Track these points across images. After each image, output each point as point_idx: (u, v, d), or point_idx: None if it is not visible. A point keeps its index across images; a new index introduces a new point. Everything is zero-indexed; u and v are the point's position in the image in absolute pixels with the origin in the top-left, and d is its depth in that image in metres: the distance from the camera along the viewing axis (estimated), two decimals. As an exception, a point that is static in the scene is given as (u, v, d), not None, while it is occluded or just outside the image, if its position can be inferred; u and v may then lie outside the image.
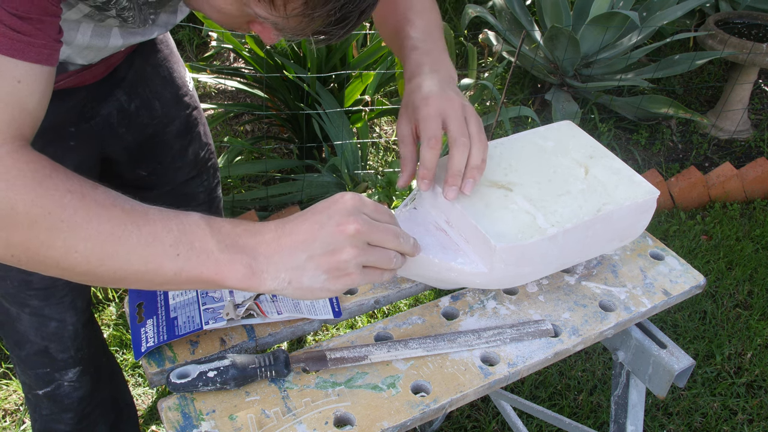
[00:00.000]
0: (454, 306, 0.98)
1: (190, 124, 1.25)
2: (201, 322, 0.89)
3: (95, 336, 1.29)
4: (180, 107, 1.22)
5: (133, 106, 1.13)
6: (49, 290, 1.11)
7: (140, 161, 1.21)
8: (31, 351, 1.17)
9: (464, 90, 2.61)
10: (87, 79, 1.03)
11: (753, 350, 2.05)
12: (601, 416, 1.84)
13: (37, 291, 1.10)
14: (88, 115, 1.08)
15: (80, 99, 1.05)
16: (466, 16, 3.03)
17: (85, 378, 1.23)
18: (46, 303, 1.12)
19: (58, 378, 1.21)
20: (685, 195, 2.65)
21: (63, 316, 1.15)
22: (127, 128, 1.14)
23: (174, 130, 1.21)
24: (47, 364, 1.19)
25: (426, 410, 0.83)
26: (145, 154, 1.20)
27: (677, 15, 2.86)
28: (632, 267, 1.06)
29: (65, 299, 1.14)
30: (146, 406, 1.84)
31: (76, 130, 1.06)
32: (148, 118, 1.16)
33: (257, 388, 0.84)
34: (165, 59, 1.19)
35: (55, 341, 1.17)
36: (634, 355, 1.04)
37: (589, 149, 1.05)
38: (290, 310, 0.92)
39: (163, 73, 1.18)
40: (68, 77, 0.99)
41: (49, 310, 1.13)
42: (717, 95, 3.29)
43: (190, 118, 1.25)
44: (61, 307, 1.14)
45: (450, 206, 0.94)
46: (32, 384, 1.22)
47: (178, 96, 1.21)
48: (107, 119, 1.11)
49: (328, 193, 2.39)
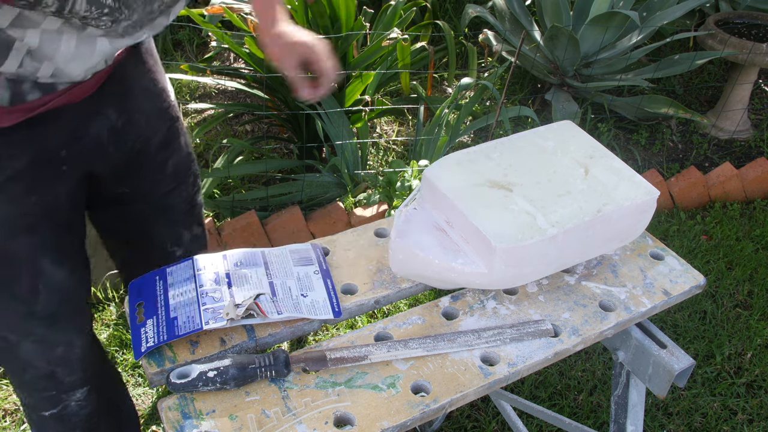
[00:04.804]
0: (454, 306, 0.98)
1: (171, 136, 1.21)
2: (201, 322, 0.89)
3: (99, 350, 1.27)
4: (162, 119, 1.18)
5: (121, 123, 1.09)
6: (55, 317, 1.08)
7: (124, 178, 1.18)
8: (36, 375, 1.14)
9: (464, 90, 2.61)
10: (76, 95, 0.99)
11: (753, 350, 2.05)
12: (601, 416, 1.84)
13: (42, 320, 1.07)
14: (79, 135, 1.04)
15: (70, 118, 1.01)
16: (466, 16, 3.03)
17: (92, 395, 1.21)
18: (50, 330, 1.09)
19: (66, 399, 1.18)
20: (685, 195, 2.65)
21: (70, 340, 1.13)
22: (116, 146, 1.11)
23: (156, 143, 1.18)
24: (53, 387, 1.16)
25: (426, 410, 0.83)
26: (129, 170, 1.17)
27: (677, 15, 2.86)
28: (632, 267, 1.06)
29: (70, 324, 1.12)
30: (146, 406, 1.84)
31: (67, 152, 1.02)
32: (134, 134, 1.13)
33: (257, 388, 0.84)
34: (149, 70, 1.15)
35: (62, 365, 1.14)
36: (634, 355, 1.04)
37: (589, 149, 1.05)
38: (290, 310, 0.92)
39: (147, 85, 1.15)
40: (58, 96, 0.96)
41: (55, 336, 1.10)
42: (717, 95, 3.29)
43: (172, 130, 1.21)
44: (68, 332, 1.12)
45: (450, 206, 0.94)
46: (37, 405, 1.19)
47: (161, 108, 1.18)
48: (97, 138, 1.07)
49: (328, 194, 2.39)
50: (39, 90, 0.92)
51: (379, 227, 1.11)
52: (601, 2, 2.76)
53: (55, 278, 1.07)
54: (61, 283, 1.08)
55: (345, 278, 1.01)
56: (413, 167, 2.31)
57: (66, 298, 1.10)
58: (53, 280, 1.06)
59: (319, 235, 2.22)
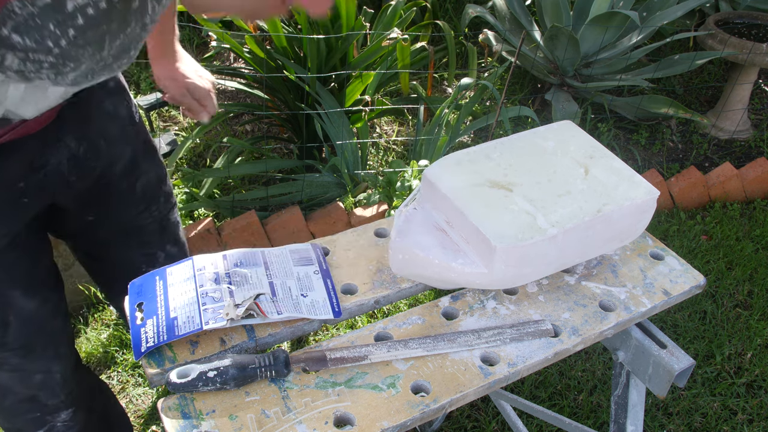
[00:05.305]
0: (454, 306, 0.98)
1: (137, 158, 1.16)
2: (201, 322, 0.89)
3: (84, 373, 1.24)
4: (126, 141, 1.13)
5: (82, 150, 1.05)
6: (28, 347, 1.06)
7: (88, 207, 1.14)
8: (16, 400, 1.12)
9: (464, 90, 2.61)
10: (32, 127, 0.95)
11: (753, 350, 2.05)
12: (601, 416, 1.84)
13: (14, 351, 1.05)
14: (37, 165, 0.99)
15: (28, 150, 0.96)
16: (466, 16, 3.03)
17: (78, 414, 1.19)
18: (25, 359, 1.07)
19: (51, 420, 1.16)
20: (685, 195, 2.65)
21: (48, 367, 1.10)
22: (78, 176, 1.06)
23: (120, 169, 1.13)
24: (37, 409, 1.14)
25: (426, 410, 0.83)
26: (92, 198, 1.12)
27: (677, 15, 2.86)
28: (632, 267, 1.06)
29: (47, 352, 1.09)
30: (146, 406, 1.84)
31: (25, 184, 0.98)
32: (95, 161, 1.08)
33: (257, 388, 0.84)
34: (110, 92, 1.10)
35: (43, 389, 1.12)
36: (634, 355, 1.04)
37: (589, 149, 1.05)
38: (290, 310, 0.92)
39: (108, 107, 1.09)
40: (12, 129, 0.91)
41: (32, 365, 1.08)
42: (717, 95, 3.29)
43: (137, 152, 1.16)
44: (44, 360, 1.10)
45: (450, 206, 0.94)
46: (22, 428, 1.16)
47: (124, 130, 1.13)
48: (57, 168, 1.02)
49: (328, 194, 2.39)
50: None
51: (379, 227, 1.11)
52: (601, 2, 2.76)
53: (26, 309, 1.04)
54: (33, 314, 1.05)
55: (345, 278, 1.01)
56: (413, 167, 2.31)
57: (39, 328, 1.07)
58: (24, 311, 1.04)
59: (319, 235, 2.22)
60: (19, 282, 1.03)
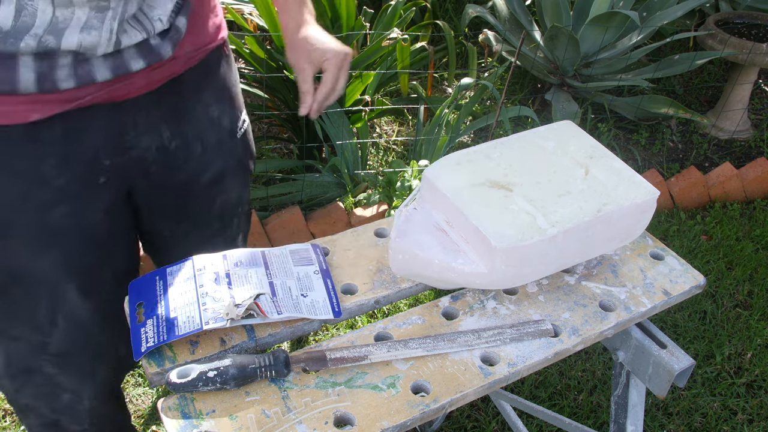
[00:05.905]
0: (454, 306, 0.98)
1: (225, 174, 1.07)
2: (201, 322, 0.89)
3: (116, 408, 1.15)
4: (220, 153, 1.05)
5: (174, 146, 0.97)
6: (67, 357, 0.99)
7: (162, 212, 1.06)
8: (39, 423, 1.05)
9: (464, 90, 2.61)
10: (118, 93, 0.86)
11: (753, 350, 2.05)
12: (601, 416, 1.84)
13: (53, 357, 0.98)
14: (129, 145, 0.91)
15: (117, 121, 0.88)
16: (466, 16, 3.03)
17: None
18: (61, 371, 1.00)
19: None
20: (685, 195, 2.65)
21: (79, 388, 1.03)
22: (160, 167, 0.98)
23: (207, 179, 1.05)
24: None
25: (426, 410, 0.83)
26: (169, 203, 1.05)
27: (677, 15, 2.86)
28: (632, 267, 1.06)
29: (85, 368, 1.02)
30: (146, 406, 1.84)
31: (111, 163, 0.90)
32: (183, 161, 1.00)
33: (257, 388, 0.84)
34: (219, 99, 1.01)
35: (67, 414, 1.05)
36: (634, 355, 1.04)
37: (589, 149, 1.05)
38: (290, 310, 0.92)
39: (212, 113, 1.01)
40: (97, 90, 0.84)
41: (64, 379, 1.01)
42: (717, 95, 3.29)
43: (228, 168, 1.07)
44: (79, 377, 1.02)
45: (450, 206, 0.94)
46: None
47: (221, 142, 1.05)
48: (143, 154, 0.95)
49: (328, 194, 2.39)
50: (74, 78, 0.81)
51: (379, 227, 1.11)
52: (601, 2, 2.76)
53: (77, 311, 0.97)
54: (82, 318, 0.98)
55: (345, 278, 1.01)
56: (413, 167, 2.31)
57: (85, 337, 1.00)
58: (74, 313, 0.96)
59: (319, 235, 2.22)
60: (77, 275, 0.94)
